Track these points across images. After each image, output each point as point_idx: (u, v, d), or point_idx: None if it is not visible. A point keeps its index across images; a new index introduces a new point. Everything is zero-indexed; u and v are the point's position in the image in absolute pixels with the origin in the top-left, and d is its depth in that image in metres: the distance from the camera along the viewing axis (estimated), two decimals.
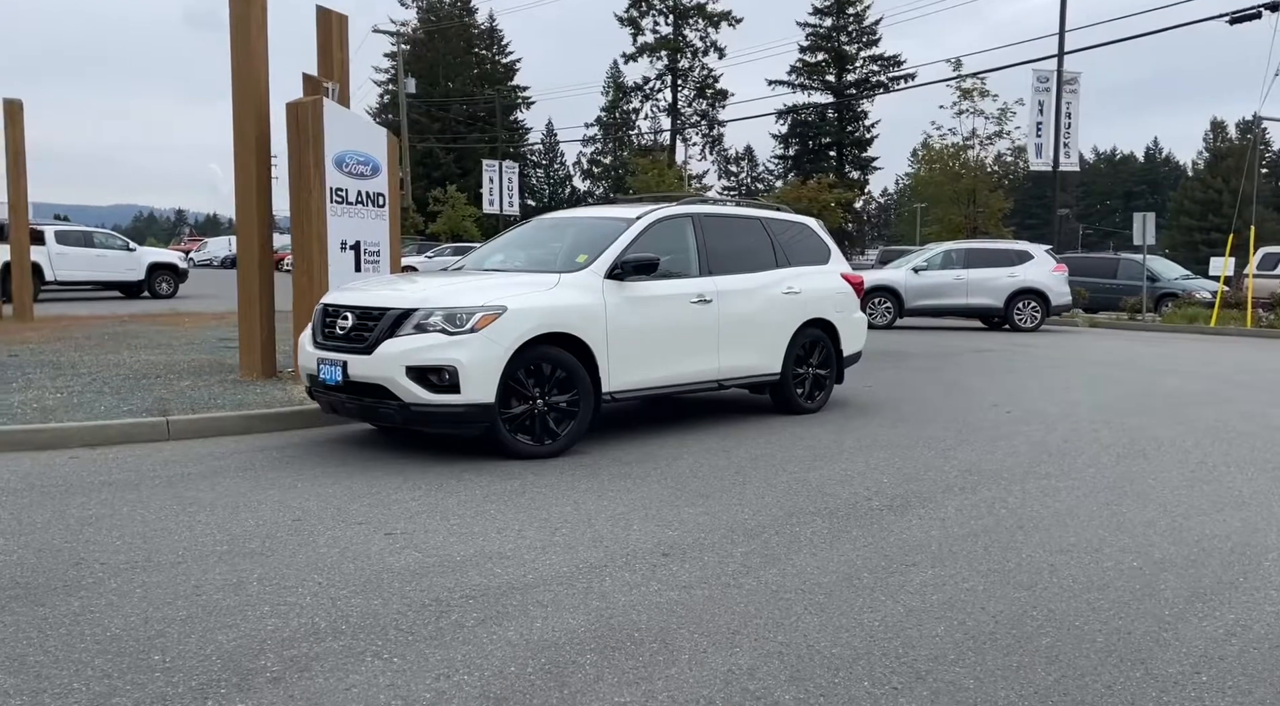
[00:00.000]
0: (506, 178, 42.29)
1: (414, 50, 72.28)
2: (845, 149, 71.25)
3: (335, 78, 10.49)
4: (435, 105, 69.43)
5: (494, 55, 76.93)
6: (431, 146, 67.52)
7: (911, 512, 5.45)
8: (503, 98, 73.87)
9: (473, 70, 73.59)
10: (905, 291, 19.55)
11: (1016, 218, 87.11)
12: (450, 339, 6.40)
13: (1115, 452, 7.21)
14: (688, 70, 68.46)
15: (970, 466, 6.66)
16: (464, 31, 73.82)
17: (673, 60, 67.44)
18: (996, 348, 15.78)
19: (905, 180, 63.12)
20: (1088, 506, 5.63)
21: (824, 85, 71.18)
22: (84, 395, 8.45)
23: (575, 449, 7.01)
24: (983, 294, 19.65)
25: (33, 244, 25.75)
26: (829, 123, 71.13)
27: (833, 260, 9.24)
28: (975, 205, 30.83)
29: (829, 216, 39.92)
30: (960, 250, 20.43)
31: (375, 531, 4.96)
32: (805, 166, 69.23)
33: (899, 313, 19.61)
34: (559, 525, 5.11)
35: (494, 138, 68.91)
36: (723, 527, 5.11)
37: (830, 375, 9.04)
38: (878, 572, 4.41)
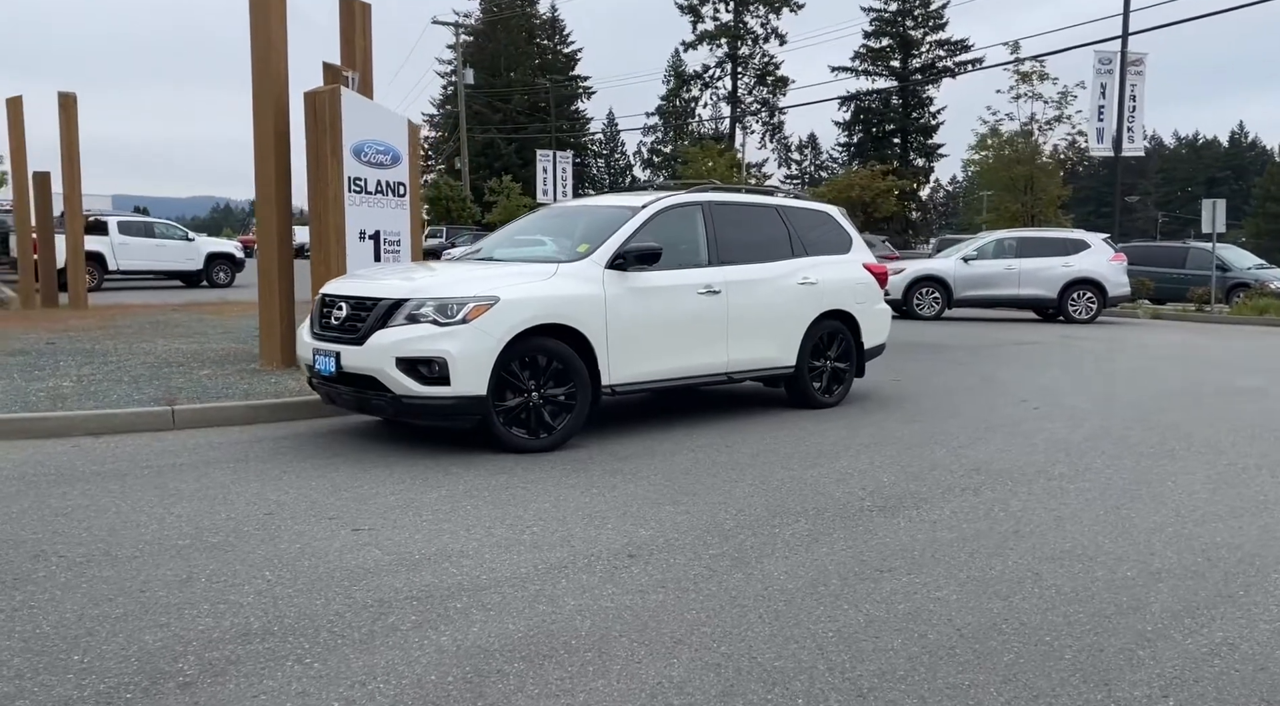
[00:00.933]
0: (560, 167, 42.31)
1: (477, 42, 72.68)
2: (910, 136, 70.06)
3: (358, 66, 10.44)
4: (497, 96, 69.72)
5: (555, 45, 77.00)
6: (493, 137, 67.84)
7: (903, 514, 5.21)
8: (563, 88, 73.97)
9: (534, 61, 73.75)
10: (954, 282, 19.05)
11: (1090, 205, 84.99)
12: (441, 330, 6.29)
13: (1139, 452, 6.86)
14: (748, 57, 67.90)
15: (979, 465, 6.38)
16: (525, 22, 73.96)
17: (733, 47, 66.91)
18: (1043, 340, 15.29)
19: (964, 168, 61.76)
20: (1094, 510, 5.34)
21: (888, 71, 70.05)
22: (102, 383, 8.52)
23: (573, 443, 6.87)
24: (1035, 284, 19.08)
25: (96, 234, 26.57)
26: (893, 109, 69.96)
27: (854, 250, 8.96)
28: (1033, 193, 29.96)
29: (883, 204, 39.26)
30: (1012, 239, 19.85)
31: (343, 527, 4.86)
32: (869, 154, 68.25)
33: (947, 303, 19.12)
34: (532, 523, 4.97)
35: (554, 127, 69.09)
36: (700, 528, 4.93)
37: (850, 368, 8.77)
38: (848, 579, 4.20)
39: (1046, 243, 19.67)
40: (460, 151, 51.33)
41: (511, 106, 69.92)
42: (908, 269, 19.40)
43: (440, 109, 74.24)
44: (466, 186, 49.01)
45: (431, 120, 76.34)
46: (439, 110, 74.70)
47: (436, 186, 49.81)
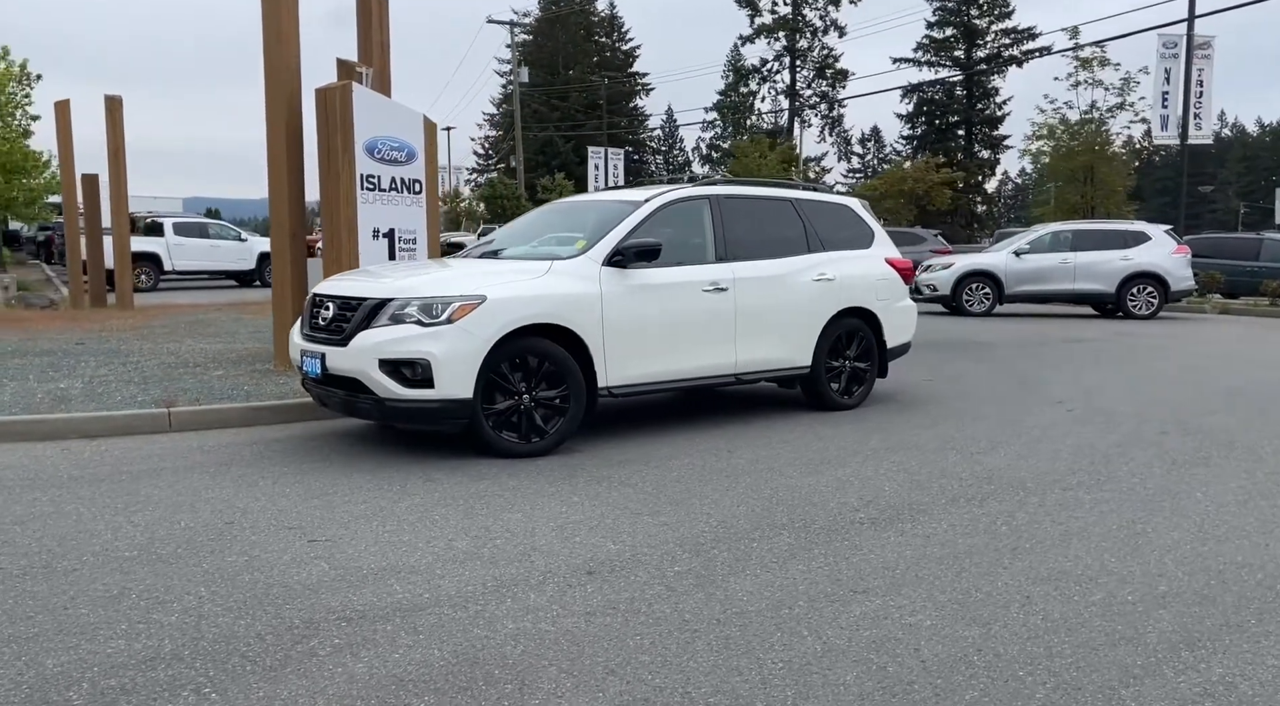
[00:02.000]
0: (612, 164, 42.12)
1: (535, 40, 72.91)
2: (974, 127, 68.51)
3: (375, 62, 10.29)
4: (555, 94, 69.83)
5: (614, 42, 76.89)
6: (551, 135, 67.94)
7: (896, 527, 4.86)
8: (621, 85, 73.81)
9: (593, 58, 73.72)
10: (1005, 276, 18.40)
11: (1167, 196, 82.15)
12: (425, 330, 6.07)
13: (1172, 459, 6.39)
14: (806, 50, 67.03)
15: (993, 473, 5.98)
16: (584, 20, 73.94)
17: (791, 41, 66.11)
18: (1096, 337, 14.66)
19: (1020, 158, 60.12)
20: (1106, 524, 4.93)
21: (952, 61, 68.57)
22: (112, 384, 8.47)
23: (568, 447, 6.61)
24: (1092, 279, 18.34)
25: (152, 235, 27.02)
26: (957, 101, 68.49)
27: (876, 244, 8.56)
28: (1093, 184, 28.91)
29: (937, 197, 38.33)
30: (1068, 231, 19.11)
31: (301, 538, 4.66)
32: (932, 146, 66.95)
33: (998, 299, 18.47)
34: (498, 535, 4.72)
35: (610, 124, 68.94)
36: (674, 541, 4.63)
37: (871, 368, 8.37)
38: (816, 600, 3.87)
39: (1104, 235, 18.91)
40: (515, 149, 51.39)
41: (569, 104, 69.95)
42: (956, 264, 18.79)
43: (499, 108, 74.62)
44: (521, 185, 49.05)
45: (491, 119, 76.84)
46: (498, 109, 75.09)
47: (492, 185, 49.95)
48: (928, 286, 18.81)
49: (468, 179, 74.12)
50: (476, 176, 74.00)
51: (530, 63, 72.47)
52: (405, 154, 9.90)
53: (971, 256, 19.81)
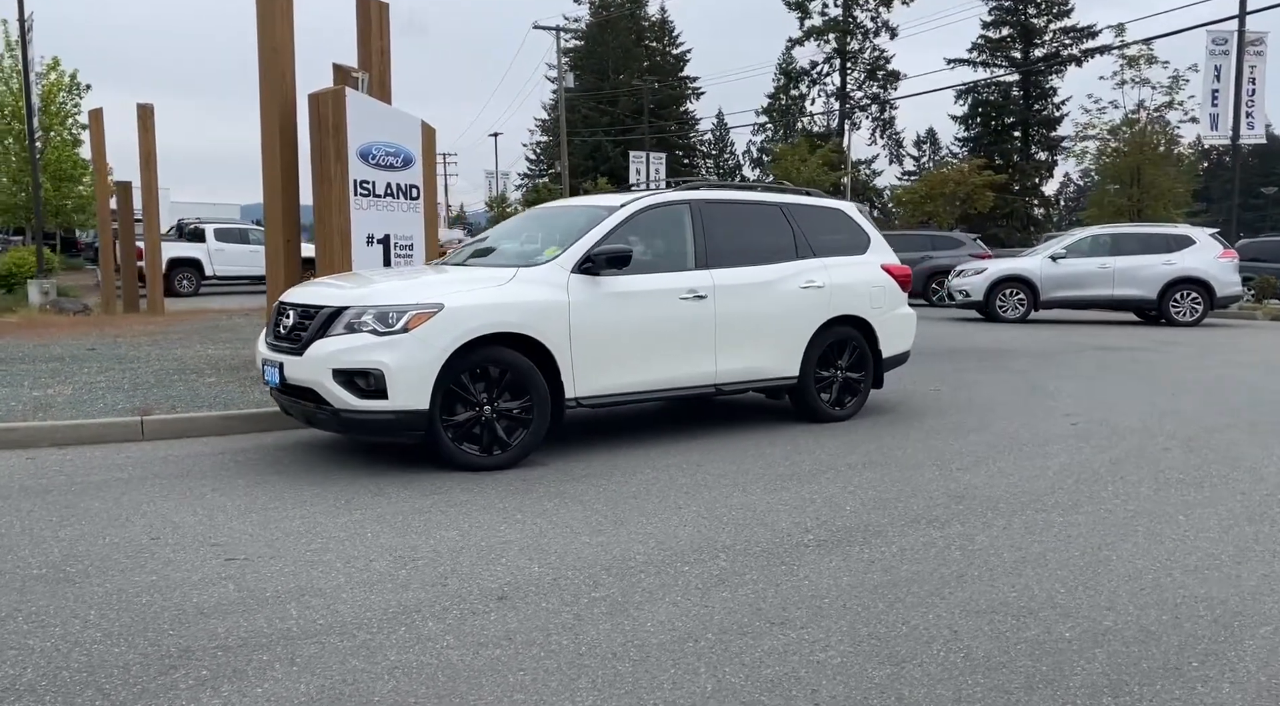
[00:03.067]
0: (653, 168, 41.91)
1: (586, 45, 72.99)
2: (1031, 128, 67.04)
3: (375, 67, 10.22)
4: (604, 99, 69.81)
5: (665, 47, 76.63)
6: (600, 140, 67.95)
7: (842, 551, 4.59)
8: (671, 88, 73.58)
9: (643, 63, 73.53)
10: (1040, 282, 17.84)
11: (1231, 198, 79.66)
12: (379, 340, 5.92)
13: (1165, 478, 6.02)
14: (857, 52, 66.17)
15: (966, 492, 5.67)
16: (634, 24, 73.83)
17: (841, 43, 65.32)
18: (1128, 345, 14.12)
19: (1063, 159, 58.59)
20: (1070, 550, 4.61)
21: (1009, 62, 67.21)
22: (101, 391, 8.46)
23: (534, 459, 6.43)
24: (1133, 284, 17.72)
25: (194, 241, 27.39)
26: (1013, 101, 67.11)
27: (871, 250, 8.26)
28: (1140, 185, 28.02)
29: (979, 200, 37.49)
30: (1107, 235, 18.49)
31: (220, 556, 4.52)
32: (987, 148, 65.72)
33: (1033, 305, 17.92)
34: (422, 555, 4.54)
35: (659, 129, 68.76)
36: (603, 563, 4.41)
37: (865, 379, 8.06)
38: (727, 633, 3.63)
39: (1146, 239, 18.27)
40: (560, 154, 51.45)
41: (619, 109, 69.88)
42: (989, 269, 18.28)
43: (550, 113, 74.76)
44: (566, 189, 49.07)
45: (543, 125, 77.02)
46: (549, 114, 75.25)
47: (537, 190, 50.00)
48: (960, 292, 18.35)
49: (518, 184, 74.49)
50: (528, 181, 74.32)
51: (580, 68, 72.60)
52: (402, 159, 9.80)
53: (1005, 261, 19.27)
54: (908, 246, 23.07)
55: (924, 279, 22.29)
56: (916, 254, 22.66)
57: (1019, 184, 66.27)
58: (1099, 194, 30.86)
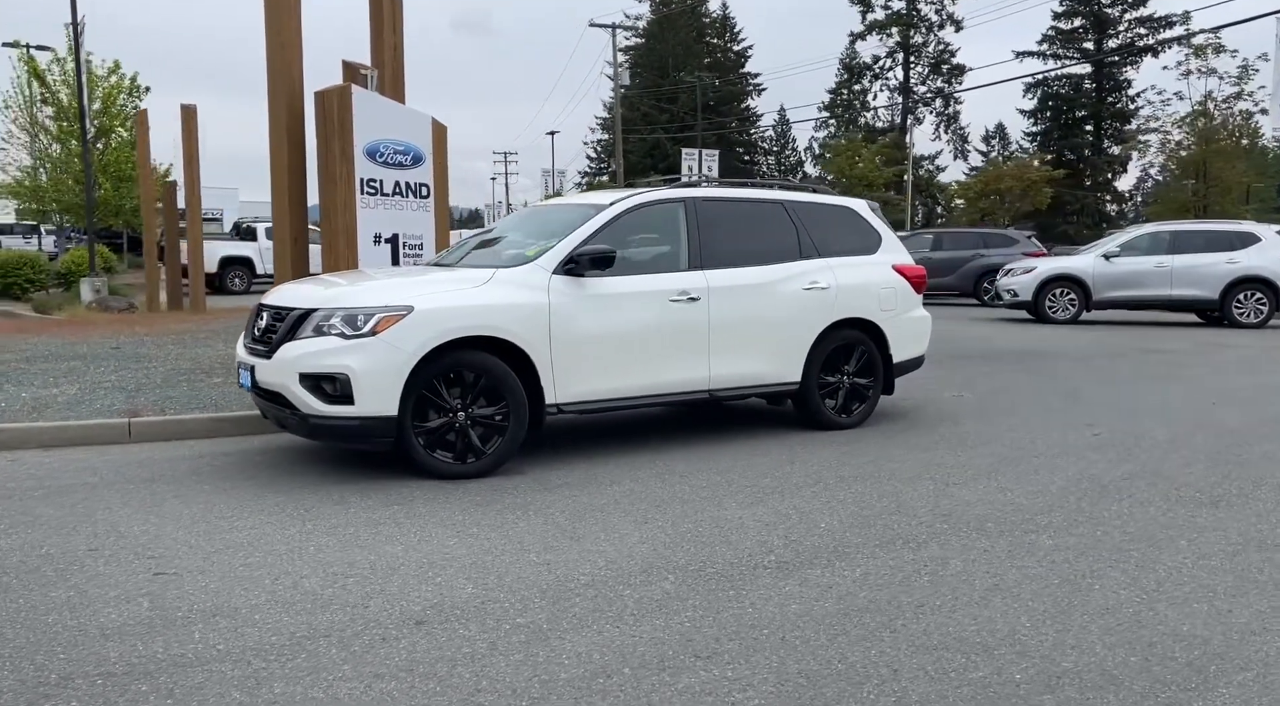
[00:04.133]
0: (706, 166, 41.49)
1: (646, 43, 72.77)
2: (1104, 122, 65.04)
3: (388, 64, 10.10)
4: (664, 96, 69.51)
5: (726, 43, 76.07)
6: (659, 137, 67.68)
7: (801, 574, 4.28)
8: (732, 85, 73.02)
9: (704, 59, 73.03)
10: (1092, 281, 17.14)
11: None
12: (345, 343, 5.73)
13: (1178, 497, 5.59)
14: (921, 46, 64.95)
15: (955, 510, 5.31)
16: (695, 21, 73.38)
17: (904, 36, 64.16)
18: (1179, 348, 13.47)
19: (1121, 154, 56.42)
20: (1049, 578, 4.24)
21: (1081, 53, 65.28)
22: (103, 391, 8.43)
23: (512, 467, 6.20)
24: (1192, 284, 16.93)
25: (246, 240, 27.77)
26: (1085, 94, 65.20)
27: (883, 250, 7.87)
28: (1205, 180, 26.84)
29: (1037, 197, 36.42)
30: (1165, 233, 17.71)
31: (149, 570, 4.35)
32: (1057, 143, 64.06)
33: (1085, 306, 17.22)
34: (357, 572, 4.33)
35: (720, 125, 68.29)
36: (540, 585, 4.16)
37: (874, 384, 7.69)
38: (646, 668, 3.35)
39: (1207, 236, 17.46)
40: (615, 152, 51.28)
41: (678, 106, 69.52)
42: (1038, 268, 17.62)
43: (610, 111, 74.64)
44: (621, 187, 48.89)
45: (603, 123, 76.95)
46: (609, 112, 75.14)
47: (595, 188, 49.88)
48: (1008, 292, 17.74)
49: (577, 181, 74.54)
50: (588, 179, 74.32)
51: (640, 65, 72.34)
52: (411, 157, 9.66)
53: (1055, 260, 18.58)
54: (958, 244, 22.49)
55: (975, 278, 21.68)
56: (967, 252, 22.07)
57: (1091, 179, 64.45)
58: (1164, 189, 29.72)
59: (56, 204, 28.75)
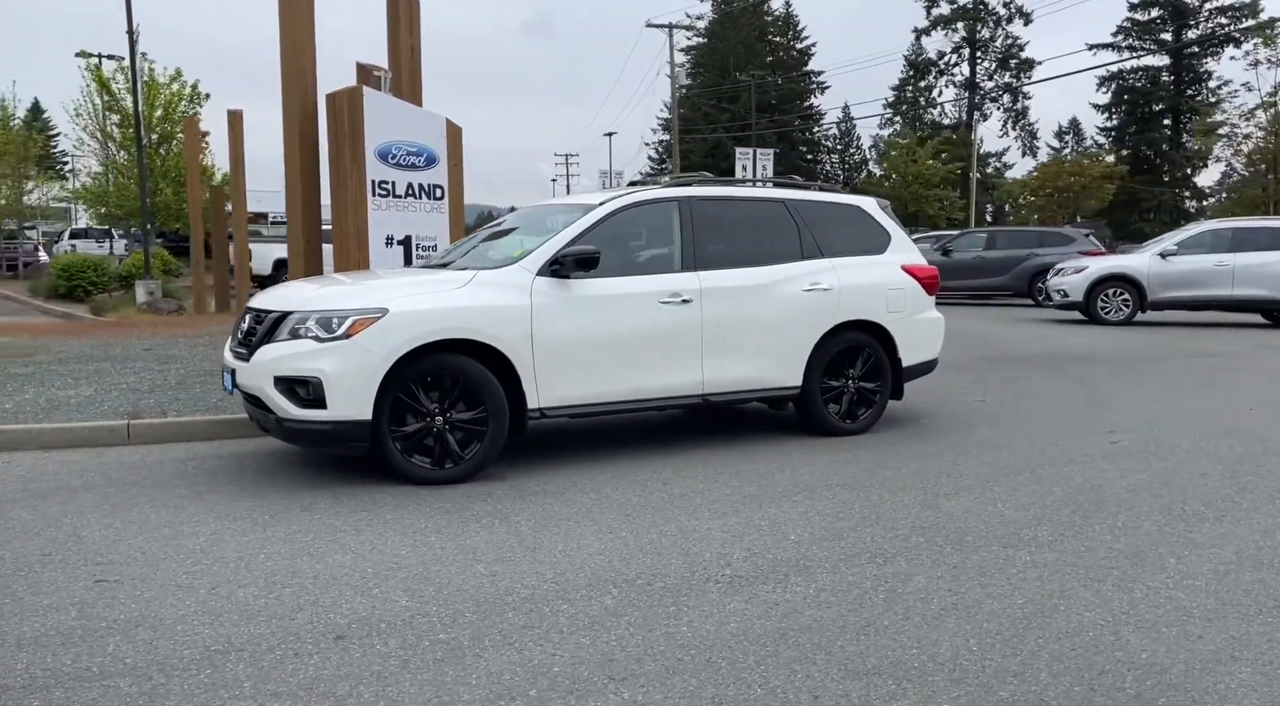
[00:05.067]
0: (760, 165, 41.06)
1: (708, 43, 72.52)
2: (1182, 116, 62.96)
3: (404, 65, 10.07)
4: (725, 95, 69.16)
5: (788, 41, 75.46)
6: (720, 136, 67.34)
7: (751, 591, 4.09)
8: (795, 84, 72.41)
9: (765, 58, 72.52)
10: (1148, 281, 16.50)
11: None
12: (319, 346, 5.67)
13: (1181, 510, 5.26)
14: (988, 40, 63.68)
15: (937, 522, 5.06)
16: (757, 20, 72.92)
17: (971, 31, 62.95)
18: (1231, 351, 12.88)
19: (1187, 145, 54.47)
20: (1016, 597, 3.99)
21: (1158, 45, 63.25)
22: (117, 392, 8.52)
23: (495, 471, 6.10)
24: (1256, 283, 16.19)
25: None
26: (1162, 87, 63.21)
27: (891, 249, 7.59)
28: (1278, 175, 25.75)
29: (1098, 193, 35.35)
30: (1226, 230, 16.97)
31: (91, 578, 4.31)
32: (1133, 138, 62.33)
33: (1139, 306, 16.59)
34: (297, 581, 4.24)
35: (781, 124, 67.72)
36: (479, 598, 4.03)
37: (882, 388, 7.42)
38: (555, 691, 3.20)
39: (1271, 233, 16.66)
40: (672, 152, 51.11)
41: (739, 106, 69.11)
42: (1090, 267, 17.01)
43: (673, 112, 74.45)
44: None
45: (665, 124, 76.81)
46: (671, 113, 74.97)
47: None
48: (1058, 292, 17.18)
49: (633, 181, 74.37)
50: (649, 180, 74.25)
51: (701, 65, 72.13)
52: (424, 159, 9.62)
53: (1108, 259, 17.95)
54: (1012, 243, 21.92)
55: (1029, 277, 21.09)
56: (1021, 251, 21.50)
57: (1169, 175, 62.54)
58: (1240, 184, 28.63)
59: (120, 208, 29.46)
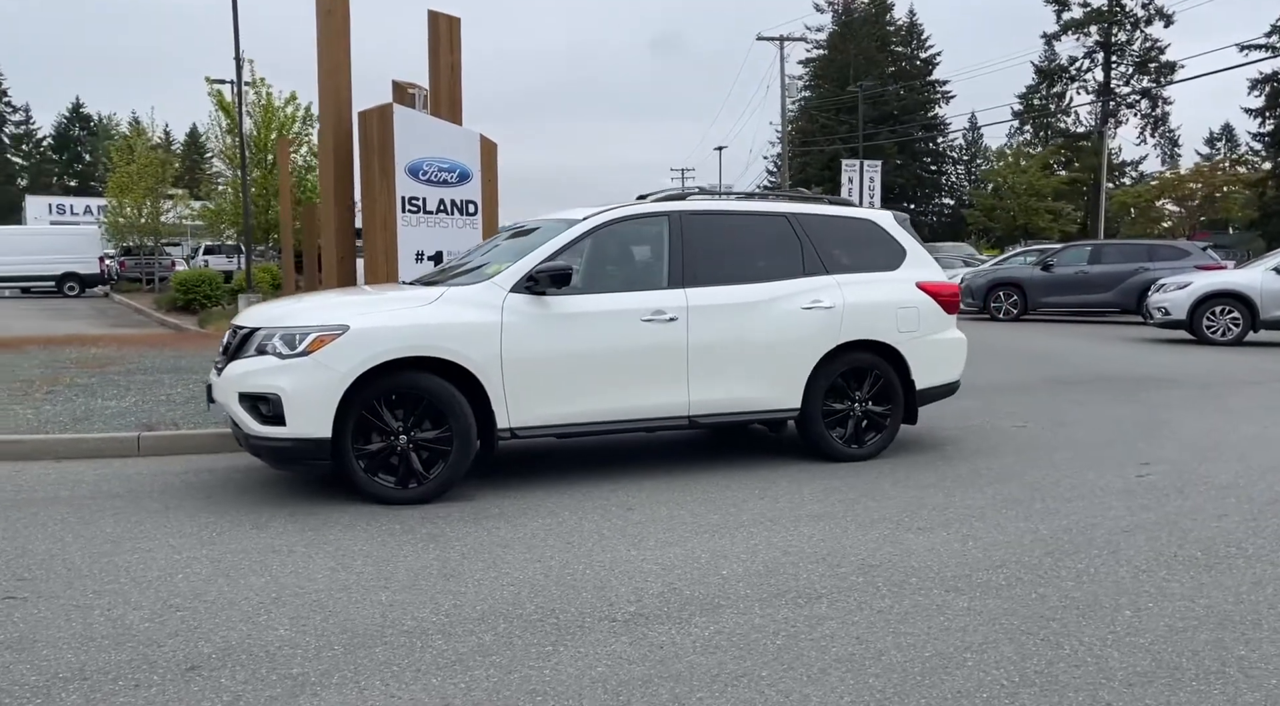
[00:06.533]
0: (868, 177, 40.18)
1: (827, 54, 71.61)
2: None
3: (444, 82, 10.12)
4: (844, 107, 68.08)
5: (912, 51, 73.84)
6: (838, 148, 66.30)
7: (643, 631, 3.83)
8: (918, 94, 70.81)
9: (887, 68, 71.11)
10: (1261, 298, 15.29)
11: None
12: (279, 363, 5.65)
13: (1170, 556, 4.75)
14: (1124, 44, 60.82)
15: (887, 561, 4.68)
16: (879, 31, 71.61)
17: (1105, 34, 60.25)
18: None
19: None
20: (926, 650, 3.62)
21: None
22: (153, 405, 8.74)
23: (465, 492, 5.99)
24: None
25: None
26: None
27: (906, 265, 7.17)
28: None
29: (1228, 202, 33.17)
30: None
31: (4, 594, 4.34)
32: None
33: (1251, 325, 15.42)
34: (196, 605, 4.18)
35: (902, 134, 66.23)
36: (358, 628, 3.90)
37: (892, 412, 7.00)
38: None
39: None
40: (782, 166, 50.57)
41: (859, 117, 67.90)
42: (1195, 283, 15.90)
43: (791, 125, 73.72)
44: None
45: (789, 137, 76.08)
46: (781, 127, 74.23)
47: None
48: (1159, 309, 16.14)
49: None
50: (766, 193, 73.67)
51: (820, 77, 71.21)
52: (457, 175, 9.62)
53: (1215, 275, 16.74)
54: (1120, 257, 20.81)
55: (1138, 293, 19.87)
56: (1129, 265, 20.33)
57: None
58: None
59: (235, 226, 30.73)
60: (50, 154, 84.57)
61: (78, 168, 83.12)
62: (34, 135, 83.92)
